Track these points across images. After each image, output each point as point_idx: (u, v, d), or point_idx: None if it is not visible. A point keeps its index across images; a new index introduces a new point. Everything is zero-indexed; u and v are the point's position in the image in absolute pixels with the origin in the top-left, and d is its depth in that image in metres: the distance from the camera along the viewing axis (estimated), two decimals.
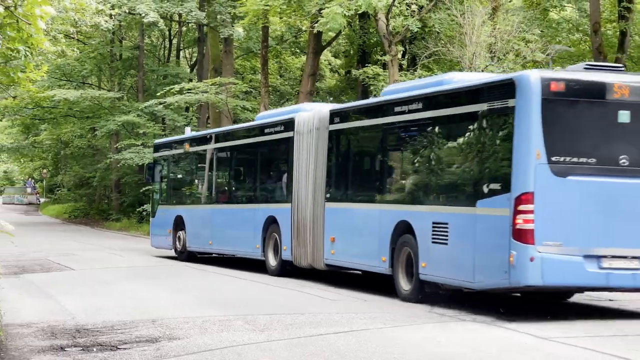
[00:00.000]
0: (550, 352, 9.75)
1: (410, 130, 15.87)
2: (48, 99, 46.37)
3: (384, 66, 28.10)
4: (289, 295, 15.51)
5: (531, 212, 12.23)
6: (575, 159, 12.52)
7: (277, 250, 19.68)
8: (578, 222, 12.45)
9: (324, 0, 25.97)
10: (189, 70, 54.56)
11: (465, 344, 10.20)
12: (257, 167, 22.46)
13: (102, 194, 58.30)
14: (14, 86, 27.02)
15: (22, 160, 77.23)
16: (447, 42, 26.86)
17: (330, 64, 49.70)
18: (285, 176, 19.89)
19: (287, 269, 19.27)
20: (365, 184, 17.43)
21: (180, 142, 26.74)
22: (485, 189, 13.12)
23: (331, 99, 46.32)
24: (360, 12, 25.72)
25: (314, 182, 18.32)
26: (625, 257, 12.54)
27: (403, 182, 16.07)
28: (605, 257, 12.46)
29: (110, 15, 31.78)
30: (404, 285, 14.93)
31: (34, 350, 9.91)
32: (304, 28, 36.73)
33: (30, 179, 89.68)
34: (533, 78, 12.45)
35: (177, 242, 25.20)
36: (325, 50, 40.52)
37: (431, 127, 14.93)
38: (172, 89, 38.17)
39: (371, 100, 20.20)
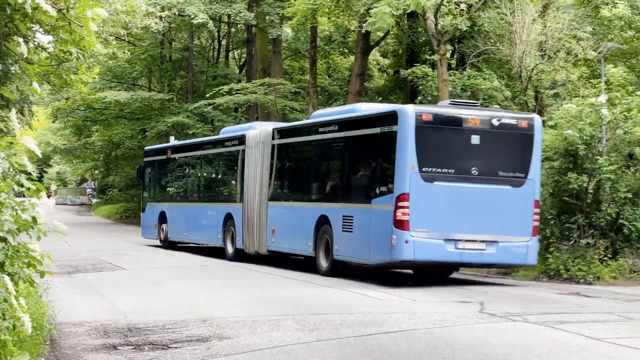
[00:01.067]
0: (603, 352, 9.64)
1: (329, 146, 20.83)
2: (99, 100, 46.96)
3: (433, 66, 27.97)
4: (339, 295, 15.51)
5: (407, 207, 16.74)
6: (439, 170, 17.12)
7: (233, 240, 24.50)
8: (441, 215, 17.03)
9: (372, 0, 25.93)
10: (237, 71, 54.79)
11: (515, 344, 10.12)
12: (220, 172, 27.51)
13: None
14: (66, 88, 27.38)
15: (74, 161, 78.17)
16: (497, 41, 26.66)
17: (378, 64, 49.59)
18: (239, 180, 24.70)
19: (241, 255, 23.96)
20: (297, 187, 22.45)
21: (164, 150, 31.73)
22: (378, 191, 17.83)
23: (380, 99, 46.23)
24: (408, 11, 25.60)
25: (260, 185, 23.05)
26: (474, 241, 17.17)
27: (323, 185, 20.83)
28: (460, 240, 17.10)
29: (160, 17, 32.06)
30: (323, 263, 19.58)
31: (87, 348, 10.04)
32: (352, 28, 36.74)
33: (90, 180, 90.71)
34: (409, 111, 17.20)
35: (161, 233, 30.31)
36: (374, 50, 40.49)
37: (343, 144, 19.99)
38: (221, 89, 38.38)
39: (302, 122, 25.41)
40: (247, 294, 15.74)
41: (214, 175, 28.02)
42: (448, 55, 26.79)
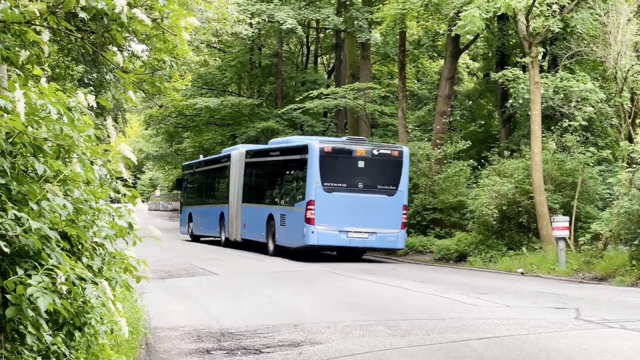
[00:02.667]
0: None
1: (274, 165, 29.16)
2: (190, 107, 47.67)
3: (524, 68, 27.58)
4: (430, 300, 15.39)
5: (313, 209, 25.02)
6: (335, 184, 25.38)
7: (224, 231, 33.36)
8: (336, 214, 25.12)
9: (462, 2, 25.68)
10: (326, 76, 54.97)
11: (613, 351, 9.88)
12: (218, 181, 36.04)
13: None
14: (158, 96, 27.84)
15: (166, 167, 79.45)
16: (590, 42, 26.11)
17: (468, 67, 49.20)
18: (227, 188, 33.35)
19: (229, 243, 32.81)
20: (257, 193, 30.76)
21: (192, 165, 42.12)
22: (297, 198, 26.22)
23: (470, 102, 45.79)
24: (499, 13, 25.28)
25: (238, 191, 31.88)
26: (360, 232, 25.33)
27: (271, 192, 29.14)
28: (350, 231, 25.25)
29: (250, 24, 32.33)
30: (271, 247, 27.95)
31: (181, 352, 10.16)
32: (441, 31, 36.50)
33: None
34: (315, 145, 25.55)
35: (189, 229, 39.27)
36: (463, 53, 40.14)
37: (281, 165, 28.36)
38: (310, 94, 38.57)
39: (262, 146, 33.49)
40: (336, 299, 15.74)
41: (215, 184, 36.80)
42: (540, 57, 26.28)
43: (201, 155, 43.57)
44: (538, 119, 24.80)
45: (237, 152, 32.66)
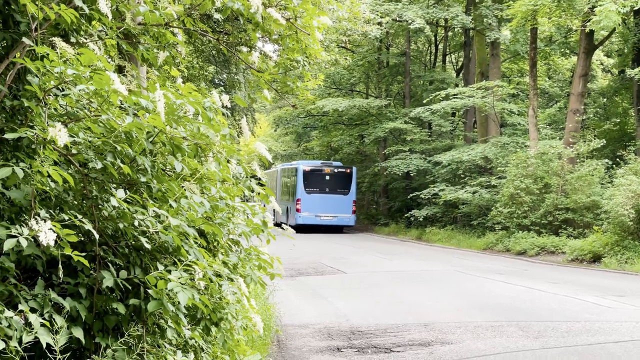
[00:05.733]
0: None
1: (288, 177, 49.09)
2: (318, 108, 48.14)
3: None
4: (564, 302, 15.04)
5: (300, 203, 44.96)
6: (313, 189, 45.19)
7: (274, 218, 47.19)
8: (313, 206, 44.96)
9: None
10: (454, 74, 54.41)
11: None
12: (273, 184, 52.22)
13: (370, 199, 59.47)
14: (288, 95, 28.16)
15: None
16: None
17: (602, 64, 47.88)
18: (275, 189, 51.16)
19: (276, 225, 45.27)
20: (285, 193, 49.33)
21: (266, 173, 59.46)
22: (295, 196, 45.96)
23: (604, 100, 44.59)
24: (636, 8, 24.51)
25: (279, 192, 50.68)
26: (327, 216, 44.99)
27: (288, 193, 48.34)
28: (321, 216, 44.93)
29: (380, 23, 32.32)
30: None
31: (312, 350, 10.24)
32: (574, 27, 35.64)
33: None
34: (301, 166, 45.87)
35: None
36: (598, 49, 39.06)
37: (291, 177, 47.84)
38: (437, 95, 38.28)
39: (286, 165, 51.13)
40: (465, 299, 15.57)
41: (273, 186, 51.88)
42: None
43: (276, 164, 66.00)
44: None
45: (279, 168, 51.49)
